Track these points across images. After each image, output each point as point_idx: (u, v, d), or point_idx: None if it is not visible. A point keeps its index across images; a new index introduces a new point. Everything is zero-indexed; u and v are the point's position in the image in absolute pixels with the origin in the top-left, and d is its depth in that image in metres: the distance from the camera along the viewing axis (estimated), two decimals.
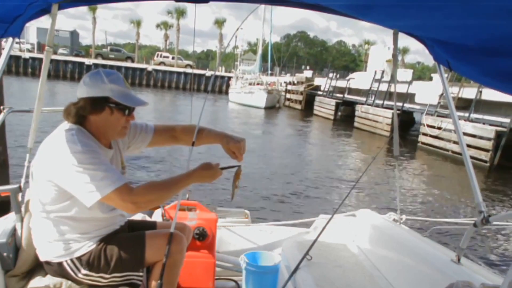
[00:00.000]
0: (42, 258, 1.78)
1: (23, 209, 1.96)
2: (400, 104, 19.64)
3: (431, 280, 2.03)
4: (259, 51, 38.26)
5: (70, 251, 1.73)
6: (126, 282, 1.80)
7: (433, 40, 1.97)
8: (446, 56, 1.99)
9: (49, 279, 1.79)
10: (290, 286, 2.30)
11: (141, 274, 1.83)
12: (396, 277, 2.39)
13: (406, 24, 1.92)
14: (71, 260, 1.73)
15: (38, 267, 1.87)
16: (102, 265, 1.74)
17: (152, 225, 2.11)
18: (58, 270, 1.76)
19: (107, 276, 1.75)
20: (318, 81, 33.55)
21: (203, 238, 2.50)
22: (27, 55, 40.92)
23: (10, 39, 2.12)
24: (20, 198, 1.99)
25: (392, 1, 1.50)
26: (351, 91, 27.27)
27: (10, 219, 1.97)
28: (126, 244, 1.79)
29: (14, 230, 1.91)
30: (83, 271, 1.73)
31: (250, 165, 10.83)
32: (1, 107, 2.37)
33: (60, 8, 2.13)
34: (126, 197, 1.58)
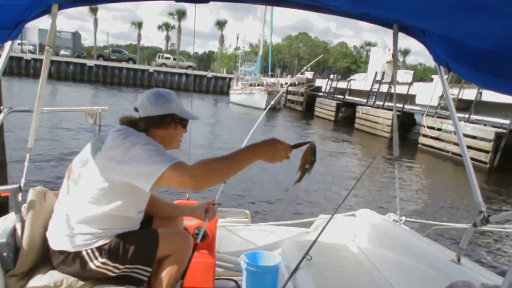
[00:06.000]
0: (57, 247, 1.79)
1: (23, 209, 1.97)
2: (400, 105, 19.64)
3: (431, 280, 2.03)
4: (260, 53, 38.24)
5: (91, 242, 1.76)
6: (134, 275, 1.84)
7: (432, 40, 1.97)
8: (445, 57, 1.99)
9: (49, 278, 1.79)
10: (290, 286, 2.30)
11: (150, 269, 1.86)
12: (396, 277, 2.40)
13: (406, 14, 1.92)
14: (91, 249, 1.76)
15: (38, 267, 1.88)
16: (120, 255, 1.78)
17: (149, 220, 2.12)
18: (71, 259, 1.77)
19: (120, 266, 1.79)
20: (319, 82, 33.54)
21: (203, 238, 2.50)
22: (29, 56, 41.02)
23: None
24: (20, 198, 2.00)
25: None
26: (351, 92, 27.27)
27: (10, 219, 1.97)
28: (141, 238, 1.85)
29: (14, 230, 1.91)
30: (101, 260, 1.76)
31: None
32: (1, 107, 2.38)
33: (60, 8, 2.13)
34: (183, 171, 1.58)
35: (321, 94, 30.91)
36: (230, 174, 1.65)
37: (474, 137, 14.21)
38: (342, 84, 28.79)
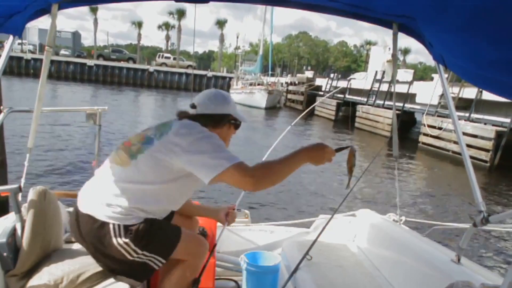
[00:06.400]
0: (86, 211, 1.79)
1: (23, 209, 1.97)
2: (401, 104, 19.64)
3: (431, 280, 2.03)
4: (260, 52, 38.24)
5: (120, 217, 1.76)
6: (149, 263, 1.84)
7: (430, 38, 1.96)
8: (442, 54, 1.98)
9: (49, 276, 1.80)
10: (290, 286, 2.30)
11: (164, 261, 1.87)
12: (396, 277, 2.40)
13: (405, 9, 1.91)
14: (118, 225, 1.75)
15: (38, 266, 1.88)
16: (143, 240, 1.78)
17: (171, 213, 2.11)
18: (96, 227, 1.76)
19: (139, 251, 1.79)
20: (319, 81, 33.53)
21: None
22: (29, 56, 41.04)
23: (11, 37, 2.12)
24: (20, 198, 2.00)
25: None
26: (352, 91, 27.26)
27: (10, 219, 1.98)
28: (165, 230, 1.87)
29: (14, 230, 1.92)
30: (124, 239, 1.76)
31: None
32: (1, 107, 2.38)
33: (60, 8, 2.14)
34: (245, 171, 1.67)
35: (321, 93, 30.90)
36: (285, 175, 1.74)
37: (474, 136, 14.20)
38: (342, 83, 28.77)
